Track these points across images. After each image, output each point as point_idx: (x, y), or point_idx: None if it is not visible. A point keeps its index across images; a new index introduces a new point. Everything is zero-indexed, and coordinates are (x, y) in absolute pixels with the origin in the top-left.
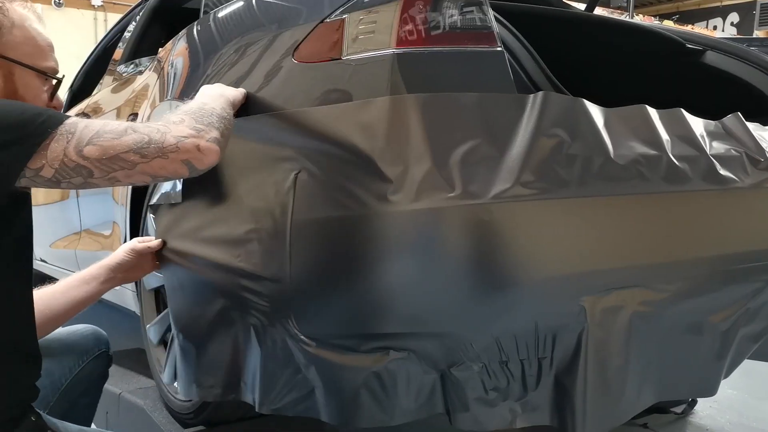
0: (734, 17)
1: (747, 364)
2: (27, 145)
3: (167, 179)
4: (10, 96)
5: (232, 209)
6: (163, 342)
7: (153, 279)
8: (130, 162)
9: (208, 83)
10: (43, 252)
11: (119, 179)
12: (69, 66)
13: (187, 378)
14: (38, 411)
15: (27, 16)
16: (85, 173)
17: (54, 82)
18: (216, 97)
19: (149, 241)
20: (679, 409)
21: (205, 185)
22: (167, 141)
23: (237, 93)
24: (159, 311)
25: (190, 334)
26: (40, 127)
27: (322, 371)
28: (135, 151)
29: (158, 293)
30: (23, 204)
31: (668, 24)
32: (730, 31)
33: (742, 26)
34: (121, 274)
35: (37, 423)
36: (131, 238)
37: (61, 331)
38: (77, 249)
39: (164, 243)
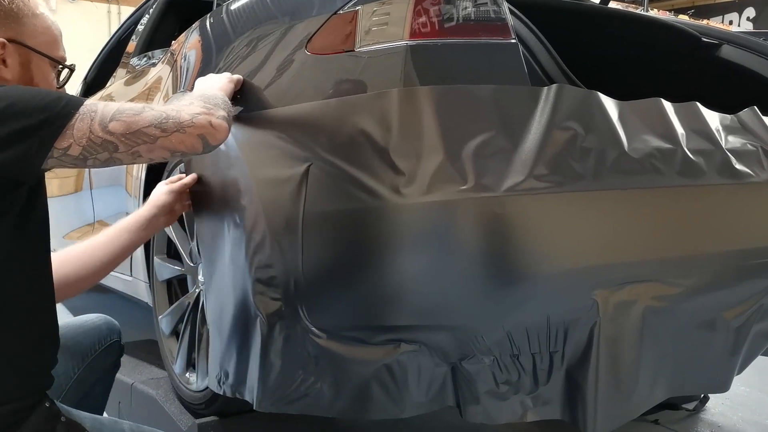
0: (750, 12)
1: (760, 361)
2: (54, 126)
3: (185, 155)
4: (26, 83)
5: (245, 202)
6: (175, 333)
7: (165, 270)
8: (152, 136)
9: None
10: (57, 243)
11: (141, 154)
12: (83, 59)
13: (211, 369)
14: (52, 399)
15: (41, 3)
16: (111, 148)
17: (65, 71)
18: (213, 86)
19: (182, 178)
20: (691, 406)
21: (218, 179)
22: (183, 117)
23: (229, 83)
24: (171, 302)
25: (216, 327)
26: (63, 109)
27: (333, 364)
28: (156, 126)
29: (170, 284)
30: (42, 187)
31: (683, 18)
32: (746, 26)
33: (759, 21)
34: (163, 216)
35: (51, 409)
36: None
37: (73, 320)
38: None
39: (198, 177)
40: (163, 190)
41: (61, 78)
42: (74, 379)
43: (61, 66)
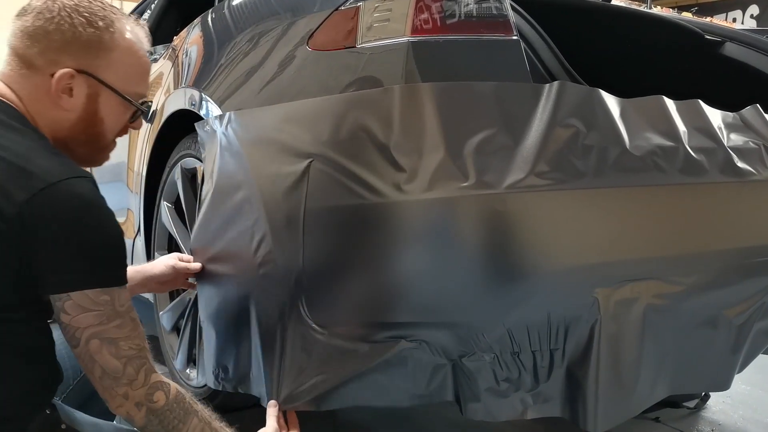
0: (754, 9)
1: (761, 360)
2: (82, 281)
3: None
4: (90, 116)
5: (246, 198)
6: (176, 329)
7: None
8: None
9: (222, 71)
10: None
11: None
12: None
13: (207, 366)
14: (53, 402)
15: (134, 37)
16: (74, 343)
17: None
18: None
19: (189, 262)
20: (691, 404)
21: (220, 174)
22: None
23: None
24: (172, 298)
25: (212, 323)
26: (103, 276)
27: (335, 360)
28: (109, 376)
29: None
30: None
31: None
32: (750, 24)
33: (762, 18)
34: (155, 284)
35: (51, 416)
36: (145, 224)
37: None
38: None
39: (203, 267)
40: (166, 263)
41: (137, 116)
42: (81, 377)
43: (132, 104)
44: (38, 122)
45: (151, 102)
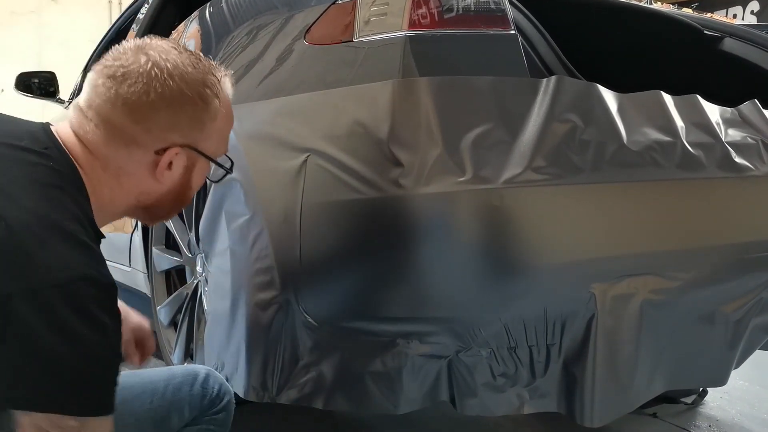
0: (754, 5)
1: (759, 356)
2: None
3: None
4: (183, 187)
5: (243, 192)
6: (174, 323)
7: (164, 261)
8: None
9: (220, 66)
10: None
11: None
12: (83, 49)
13: (208, 360)
14: None
15: (229, 98)
16: None
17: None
18: None
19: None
20: (689, 400)
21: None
22: None
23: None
24: (169, 293)
25: (214, 318)
26: (78, 402)
27: (329, 356)
28: None
29: (169, 275)
30: None
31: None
32: (750, 20)
33: (763, 15)
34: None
35: None
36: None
37: None
38: None
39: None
40: (140, 320)
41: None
42: None
43: (219, 166)
44: (107, 193)
45: (232, 166)
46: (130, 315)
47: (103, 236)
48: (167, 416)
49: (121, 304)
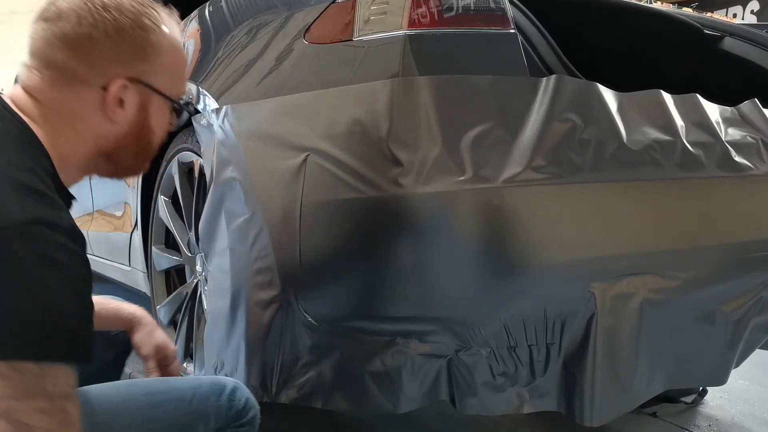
0: (754, 5)
1: (759, 355)
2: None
3: None
4: (141, 127)
5: (243, 192)
6: (173, 323)
7: (163, 260)
8: None
9: (219, 65)
10: None
11: None
12: None
13: (208, 359)
14: None
15: (175, 31)
16: None
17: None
18: None
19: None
20: (689, 399)
21: (217, 168)
22: None
23: None
24: (169, 292)
25: (214, 317)
26: (36, 346)
27: (329, 355)
28: None
29: (168, 274)
30: None
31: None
32: (750, 19)
33: (763, 14)
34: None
35: None
36: (142, 219)
37: None
38: (89, 230)
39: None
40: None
41: (180, 117)
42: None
43: (176, 106)
44: (64, 143)
45: (192, 103)
46: (157, 332)
47: (72, 197)
48: (192, 424)
49: (149, 319)
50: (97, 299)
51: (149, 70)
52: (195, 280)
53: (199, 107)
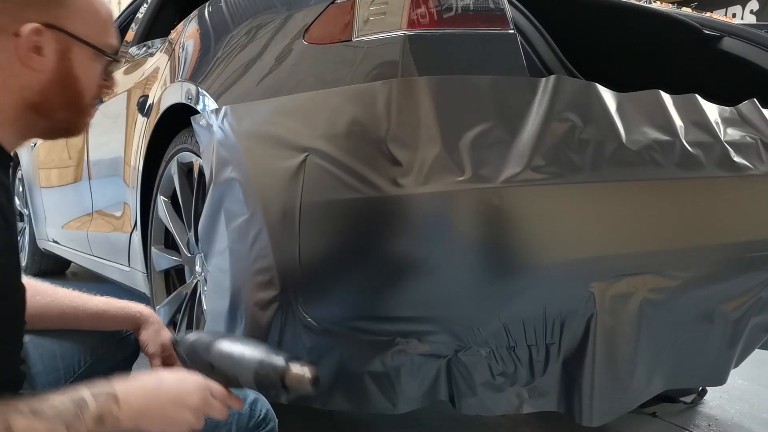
0: (754, 5)
1: (758, 354)
2: None
3: None
4: (65, 75)
5: (242, 192)
6: (173, 323)
7: (163, 261)
8: None
9: (219, 65)
10: (56, 233)
11: None
12: None
13: None
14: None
15: None
16: None
17: (112, 60)
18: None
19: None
20: (688, 399)
21: (217, 168)
22: None
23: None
24: (169, 293)
25: (214, 317)
26: None
27: (328, 356)
28: None
29: (168, 275)
30: None
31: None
32: (750, 19)
33: (762, 14)
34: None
35: None
36: (141, 219)
37: None
38: (89, 230)
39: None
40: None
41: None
42: (78, 374)
43: (107, 56)
44: None
45: (120, 56)
46: (163, 331)
47: (9, 156)
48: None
49: (156, 318)
50: (103, 299)
51: (65, 14)
52: (194, 281)
53: (199, 108)
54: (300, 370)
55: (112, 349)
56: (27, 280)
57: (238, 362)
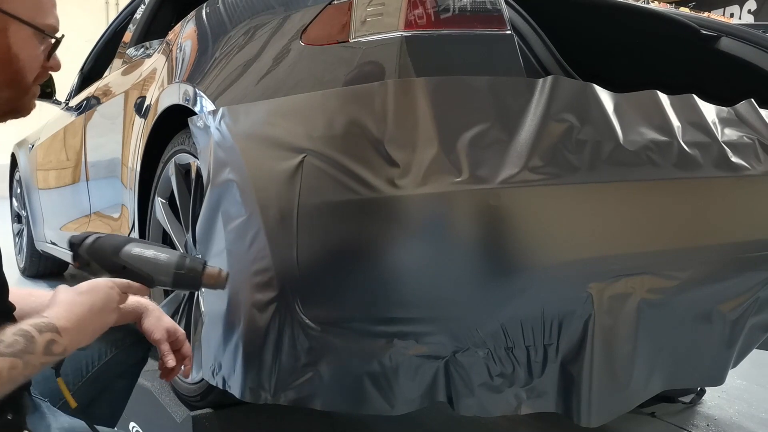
0: (751, 4)
1: (756, 355)
2: None
3: None
4: (3, 54)
5: (240, 193)
6: None
7: None
8: None
9: (216, 66)
10: (54, 235)
11: None
12: (80, 49)
13: (205, 361)
14: (23, 403)
15: None
16: None
17: (53, 41)
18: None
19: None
20: (687, 399)
21: (214, 169)
22: None
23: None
24: (166, 294)
25: (211, 319)
26: None
27: (326, 357)
28: None
29: None
30: None
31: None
32: (747, 19)
33: (760, 14)
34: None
35: (12, 422)
36: (139, 220)
37: None
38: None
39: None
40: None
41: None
42: (94, 371)
43: (45, 35)
44: None
45: (63, 36)
46: (164, 317)
47: None
48: None
49: (155, 305)
50: None
51: None
52: None
53: (196, 109)
54: (215, 269)
55: (122, 354)
56: (19, 290)
57: (154, 263)
